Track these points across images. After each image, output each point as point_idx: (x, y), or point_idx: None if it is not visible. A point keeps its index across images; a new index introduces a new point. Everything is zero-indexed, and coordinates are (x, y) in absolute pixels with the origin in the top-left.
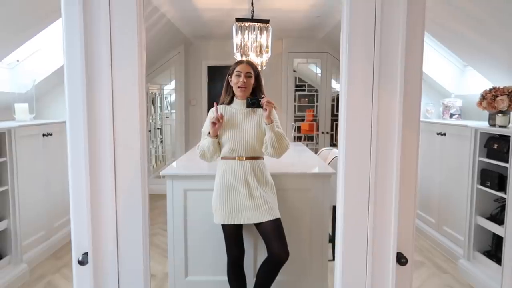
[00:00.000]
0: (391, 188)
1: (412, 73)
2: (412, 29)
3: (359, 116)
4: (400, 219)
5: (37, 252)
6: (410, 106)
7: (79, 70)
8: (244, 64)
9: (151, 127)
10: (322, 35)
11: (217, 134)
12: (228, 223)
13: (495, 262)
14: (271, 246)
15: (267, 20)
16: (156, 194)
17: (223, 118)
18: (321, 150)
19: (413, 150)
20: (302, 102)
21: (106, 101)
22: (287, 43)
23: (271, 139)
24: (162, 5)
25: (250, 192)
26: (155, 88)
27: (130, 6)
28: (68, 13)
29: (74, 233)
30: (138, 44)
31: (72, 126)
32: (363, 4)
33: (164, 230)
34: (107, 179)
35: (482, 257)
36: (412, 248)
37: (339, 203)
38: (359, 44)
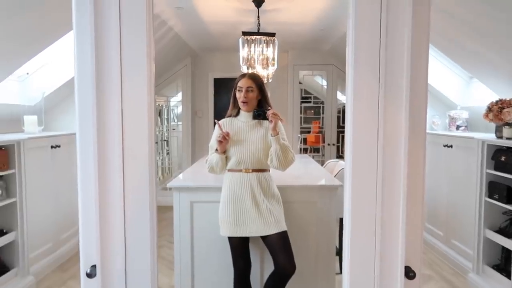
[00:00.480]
0: (398, 201)
1: (417, 86)
2: (417, 42)
3: (365, 129)
4: (408, 232)
5: (44, 264)
6: (416, 119)
7: (89, 81)
8: (245, 79)
9: (158, 139)
10: (328, 47)
11: (225, 150)
12: (235, 236)
13: (505, 276)
14: (277, 259)
15: (273, 33)
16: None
17: (229, 135)
18: (327, 162)
19: (419, 163)
20: (308, 113)
21: (116, 112)
22: (293, 56)
23: (277, 151)
24: (169, 18)
25: (256, 205)
26: (162, 100)
27: (139, 19)
28: (79, 26)
29: (82, 246)
30: (147, 56)
31: (82, 137)
32: (368, 17)
33: (170, 242)
34: (115, 190)
35: (491, 271)
36: (420, 262)
37: (346, 216)
38: (365, 58)
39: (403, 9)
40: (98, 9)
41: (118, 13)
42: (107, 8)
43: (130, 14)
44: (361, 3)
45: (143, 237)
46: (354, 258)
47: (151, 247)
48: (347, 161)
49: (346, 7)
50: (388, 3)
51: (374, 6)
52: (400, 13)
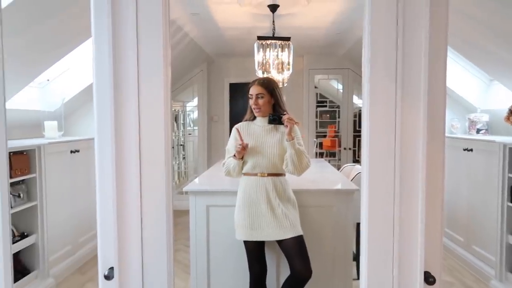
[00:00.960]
0: (416, 205)
1: (436, 88)
2: (434, 44)
3: (382, 132)
4: (427, 236)
5: (63, 267)
6: (435, 122)
7: (107, 87)
8: (254, 86)
9: (174, 143)
10: (343, 51)
11: (242, 156)
12: (250, 240)
13: None
14: (293, 264)
15: (288, 37)
16: (179, 210)
17: (247, 146)
18: (344, 166)
19: (438, 166)
20: (324, 118)
21: (133, 117)
22: (308, 60)
23: (292, 156)
24: (185, 24)
25: (272, 209)
26: (178, 105)
27: (156, 25)
28: (97, 34)
29: (100, 248)
30: (164, 61)
31: (100, 142)
32: (384, 19)
33: (186, 246)
34: (133, 194)
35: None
36: (440, 267)
37: (363, 221)
38: (381, 60)
39: (420, 10)
40: (115, 16)
41: (135, 20)
42: (124, 15)
43: (147, 20)
44: (376, 4)
45: (159, 239)
46: (372, 263)
47: (167, 250)
48: (363, 165)
49: (362, 10)
50: (405, 4)
51: (390, 7)
52: (417, 13)
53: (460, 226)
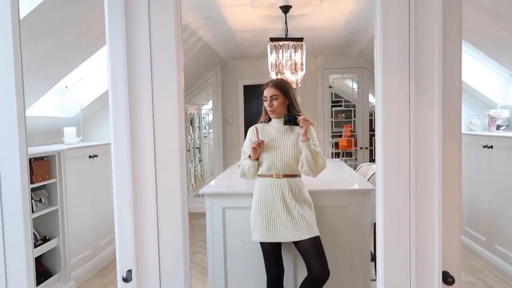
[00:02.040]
0: (433, 204)
1: (451, 84)
2: (448, 39)
3: (396, 131)
4: (445, 235)
5: (84, 270)
6: (450, 118)
7: (122, 95)
8: (268, 88)
9: (190, 146)
10: (357, 50)
11: (257, 157)
12: (266, 241)
13: None
14: (311, 265)
15: (301, 38)
16: (195, 213)
17: (263, 143)
18: (360, 166)
19: (455, 164)
20: (339, 117)
21: (148, 123)
22: (322, 60)
23: (307, 157)
24: (198, 28)
25: (288, 210)
26: (193, 109)
27: (169, 33)
28: (112, 41)
29: (118, 251)
30: (177, 68)
31: (116, 147)
32: (396, 14)
33: (203, 248)
34: (149, 197)
35: None
36: (459, 267)
37: (379, 221)
38: (394, 58)
39: (433, 5)
40: (129, 24)
41: (148, 28)
42: (137, 23)
43: (160, 27)
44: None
45: (175, 242)
46: (388, 263)
47: (183, 252)
48: (378, 165)
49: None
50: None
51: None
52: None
53: (482, 225)
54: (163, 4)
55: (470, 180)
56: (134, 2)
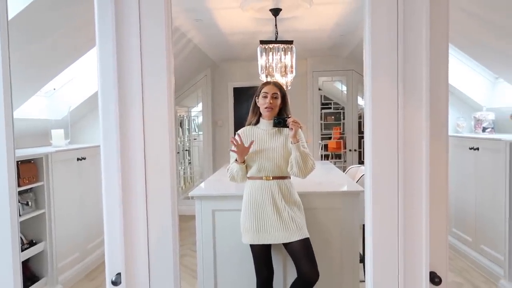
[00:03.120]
0: (420, 205)
1: (438, 88)
2: (436, 43)
3: (385, 133)
4: (432, 236)
5: (72, 274)
6: (438, 120)
7: (112, 97)
8: (270, 85)
9: (179, 149)
10: (347, 53)
11: (244, 160)
12: (257, 243)
13: None
14: (300, 267)
15: (291, 41)
16: (185, 215)
17: (242, 144)
18: (349, 167)
19: (442, 166)
20: (329, 120)
21: (138, 125)
22: (312, 62)
23: (297, 158)
24: (188, 30)
25: (278, 212)
26: (183, 111)
27: (159, 35)
28: (102, 43)
29: (107, 254)
30: (167, 69)
31: (106, 150)
32: (385, 20)
33: (193, 251)
34: (138, 200)
35: None
36: (446, 267)
37: (368, 222)
38: (382, 62)
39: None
40: (119, 27)
41: (139, 30)
42: (127, 25)
43: (150, 29)
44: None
45: (165, 245)
46: (377, 264)
47: (173, 255)
48: (367, 166)
49: None
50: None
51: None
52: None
53: (468, 225)
54: (153, 6)
55: (457, 181)
56: (124, 4)
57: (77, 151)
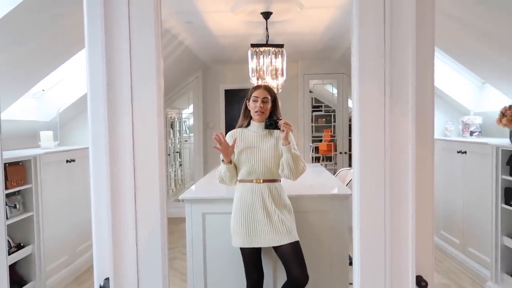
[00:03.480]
0: (407, 209)
1: (424, 92)
2: (422, 49)
3: (372, 136)
4: (418, 240)
5: (60, 277)
6: (424, 126)
7: (101, 98)
8: (261, 89)
9: (170, 151)
10: (337, 56)
11: (230, 160)
12: (247, 246)
13: None
14: (290, 270)
15: (282, 44)
16: (176, 218)
17: (225, 142)
18: (339, 170)
19: (428, 170)
20: (320, 122)
21: (127, 127)
22: (303, 65)
23: (288, 160)
24: (180, 33)
25: (268, 215)
26: (174, 113)
27: (149, 37)
28: (91, 45)
29: (96, 259)
30: (157, 71)
31: (95, 153)
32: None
33: (183, 254)
34: (127, 204)
35: (510, 279)
36: (432, 271)
37: (355, 225)
38: (370, 66)
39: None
40: (108, 28)
41: (128, 32)
42: (117, 28)
43: (139, 32)
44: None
45: (154, 249)
46: (364, 267)
47: (162, 259)
48: (354, 170)
49: None
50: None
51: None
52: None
53: (456, 228)
54: (143, 9)
55: (445, 184)
56: (114, 6)
57: (66, 153)
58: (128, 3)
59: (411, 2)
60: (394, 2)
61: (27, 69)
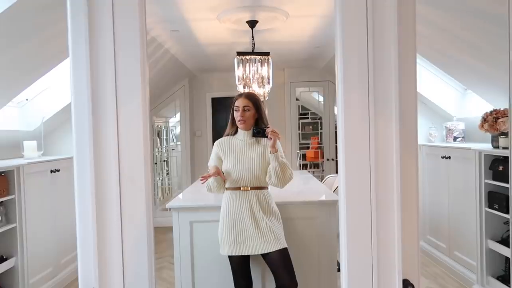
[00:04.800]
0: (393, 214)
1: (407, 100)
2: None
3: (357, 144)
4: (404, 244)
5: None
6: (407, 132)
7: (85, 107)
8: (241, 98)
9: (157, 159)
10: (323, 64)
11: None
12: (235, 254)
13: (510, 287)
14: (278, 277)
15: (267, 52)
16: (163, 227)
17: (218, 173)
18: (327, 177)
19: (412, 175)
20: (307, 129)
21: (112, 137)
22: (289, 73)
23: (275, 168)
24: (165, 41)
25: (256, 223)
26: (161, 121)
27: (133, 45)
28: (75, 54)
29: (81, 269)
30: (142, 82)
31: (79, 162)
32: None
33: (171, 263)
34: (113, 213)
35: (496, 282)
36: (418, 274)
37: (342, 231)
38: (354, 75)
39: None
40: (93, 37)
41: (113, 41)
42: (101, 37)
43: (124, 40)
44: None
45: (140, 259)
46: (352, 273)
47: (148, 269)
48: (340, 177)
49: None
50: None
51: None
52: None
53: (442, 232)
54: (127, 17)
55: (431, 189)
56: (97, 16)
57: (51, 163)
58: (113, 11)
59: (393, 13)
60: (376, 13)
61: (11, 78)
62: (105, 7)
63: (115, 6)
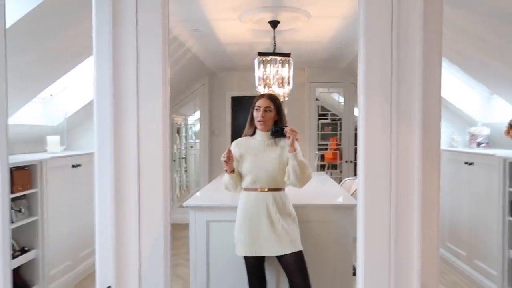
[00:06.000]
0: (412, 220)
1: (431, 105)
2: (429, 60)
3: (377, 149)
4: (423, 252)
5: (62, 282)
6: (430, 139)
7: (107, 105)
8: (263, 99)
9: (176, 156)
10: (344, 65)
11: (232, 170)
12: (250, 255)
13: None
14: (293, 280)
15: (288, 53)
16: (180, 224)
17: (232, 156)
18: (345, 180)
19: (434, 182)
20: (326, 130)
21: (132, 135)
22: (309, 73)
23: (294, 167)
24: (187, 40)
25: (272, 224)
26: (180, 119)
27: (156, 45)
28: (99, 52)
29: (98, 266)
30: (163, 80)
31: (100, 159)
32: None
33: (187, 260)
34: (131, 210)
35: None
36: (436, 283)
37: (359, 237)
38: (376, 80)
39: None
40: (116, 36)
41: (135, 40)
42: (125, 35)
43: (147, 41)
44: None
45: (157, 257)
46: (369, 278)
47: (164, 268)
48: (359, 181)
49: None
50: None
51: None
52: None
53: (462, 240)
54: (150, 16)
55: (452, 195)
56: (122, 15)
57: (72, 158)
58: (136, 11)
59: (419, 15)
60: (401, 16)
61: (36, 74)
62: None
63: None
